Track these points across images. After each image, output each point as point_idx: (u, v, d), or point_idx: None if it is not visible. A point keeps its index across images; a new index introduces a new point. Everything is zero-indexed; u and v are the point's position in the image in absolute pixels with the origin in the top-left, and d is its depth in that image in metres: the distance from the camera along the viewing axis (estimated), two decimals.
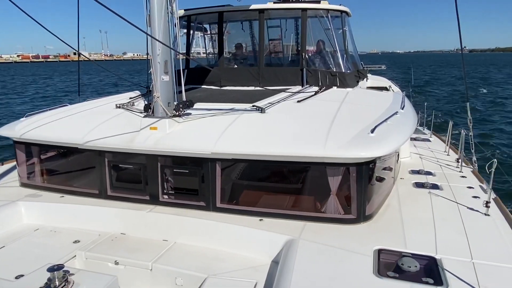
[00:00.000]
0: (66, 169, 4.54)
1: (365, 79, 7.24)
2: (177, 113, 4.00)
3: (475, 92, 25.87)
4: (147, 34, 3.72)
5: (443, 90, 32.36)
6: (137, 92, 5.83)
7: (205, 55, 7.75)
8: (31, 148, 4.49)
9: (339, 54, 6.10)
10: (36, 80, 52.00)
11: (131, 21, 3.14)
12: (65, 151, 4.42)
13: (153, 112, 4.04)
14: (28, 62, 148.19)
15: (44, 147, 4.45)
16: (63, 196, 4.16)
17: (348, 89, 5.56)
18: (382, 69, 10.46)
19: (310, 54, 6.24)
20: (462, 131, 5.02)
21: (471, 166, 5.16)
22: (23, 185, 4.53)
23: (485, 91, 22.60)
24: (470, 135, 5.34)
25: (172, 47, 4.00)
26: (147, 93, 5.50)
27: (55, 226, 3.84)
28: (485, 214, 3.50)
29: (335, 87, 5.65)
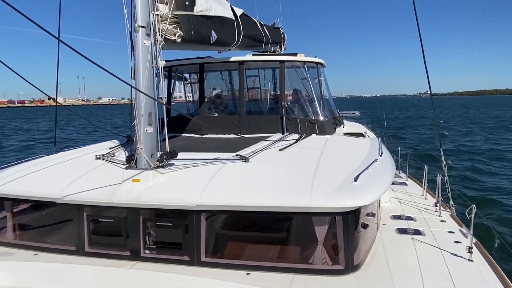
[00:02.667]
0: (40, 224, 4.32)
1: (341, 125, 7.49)
2: (160, 164, 3.97)
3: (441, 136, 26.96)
4: (132, 86, 3.76)
5: (416, 132, 33.61)
6: (116, 142, 5.77)
7: (182, 99, 7.90)
8: (3, 203, 4.26)
9: (316, 103, 6.34)
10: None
11: (110, 67, 3.18)
12: (40, 205, 4.23)
13: (135, 163, 3.99)
14: (5, 107, 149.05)
15: (18, 202, 4.25)
16: (36, 254, 3.93)
17: (327, 136, 5.72)
18: (356, 115, 10.88)
19: (289, 103, 6.44)
20: (438, 176, 5.18)
21: (449, 210, 5.28)
22: None
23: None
24: (446, 179, 5.51)
25: (156, 98, 4.04)
26: (127, 143, 5.46)
27: (28, 287, 3.59)
28: (469, 260, 3.54)
29: (314, 134, 5.80)
